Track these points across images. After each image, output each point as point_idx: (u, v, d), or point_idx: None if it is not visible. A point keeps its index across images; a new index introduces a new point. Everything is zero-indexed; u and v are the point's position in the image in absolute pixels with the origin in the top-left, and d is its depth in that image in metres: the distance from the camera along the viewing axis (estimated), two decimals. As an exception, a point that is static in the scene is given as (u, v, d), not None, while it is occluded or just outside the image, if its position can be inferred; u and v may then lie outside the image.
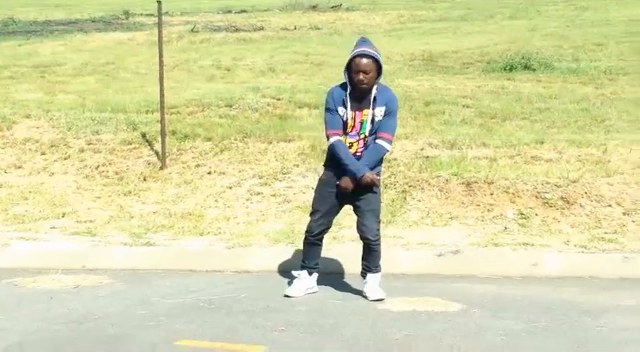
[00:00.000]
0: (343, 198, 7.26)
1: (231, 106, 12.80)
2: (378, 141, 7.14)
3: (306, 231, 7.42)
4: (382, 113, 7.12)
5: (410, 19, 25.37)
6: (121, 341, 6.26)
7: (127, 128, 11.98)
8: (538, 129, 11.66)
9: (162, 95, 11.29)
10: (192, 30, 23.29)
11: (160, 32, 11.53)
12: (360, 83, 7.06)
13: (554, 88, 14.09)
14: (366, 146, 7.18)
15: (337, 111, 7.17)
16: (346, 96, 7.16)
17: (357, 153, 7.18)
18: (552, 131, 11.54)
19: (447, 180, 9.80)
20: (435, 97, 13.28)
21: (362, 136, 7.17)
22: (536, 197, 9.44)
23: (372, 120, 7.13)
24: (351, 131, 7.17)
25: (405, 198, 9.71)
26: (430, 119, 12.18)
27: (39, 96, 13.95)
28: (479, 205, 9.48)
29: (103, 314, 6.94)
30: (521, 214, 9.27)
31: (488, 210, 9.39)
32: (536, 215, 9.25)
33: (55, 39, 22.26)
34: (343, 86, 7.22)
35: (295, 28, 23.60)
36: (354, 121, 7.15)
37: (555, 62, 16.00)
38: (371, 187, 7.16)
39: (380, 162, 7.32)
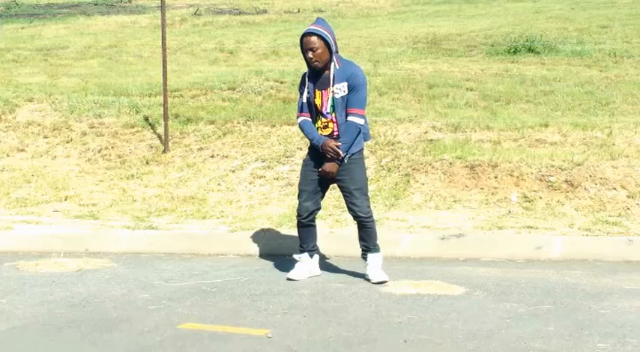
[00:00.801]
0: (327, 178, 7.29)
1: (234, 89, 12.77)
2: (349, 118, 7.16)
3: (297, 215, 7.43)
4: (345, 89, 7.12)
5: (414, 2, 25.28)
6: (123, 324, 6.25)
7: (129, 111, 11.97)
8: (542, 112, 11.63)
9: (165, 78, 11.27)
10: (195, 13, 23.24)
11: (163, 15, 11.50)
12: (310, 61, 7.15)
13: (558, 70, 14.04)
14: (339, 126, 7.18)
15: (303, 93, 7.29)
16: (306, 76, 7.26)
17: (335, 133, 7.18)
18: (556, 114, 11.50)
19: (450, 163, 9.77)
20: (439, 80, 13.23)
21: (332, 115, 7.17)
22: (541, 180, 9.41)
23: (334, 98, 7.12)
24: (321, 111, 7.19)
25: (408, 181, 9.69)
26: (434, 102, 12.14)
27: (42, 80, 13.92)
28: (483, 188, 9.45)
29: (105, 298, 6.93)
30: (525, 197, 9.25)
31: (492, 194, 9.37)
32: (541, 198, 9.23)
33: (57, 22, 22.23)
34: (306, 73, 7.34)
35: (299, 11, 23.54)
36: (322, 100, 7.18)
37: (559, 45, 15.94)
38: (333, 156, 7.11)
39: (358, 137, 7.28)
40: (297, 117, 7.36)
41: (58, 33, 20.05)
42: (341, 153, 7.13)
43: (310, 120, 7.27)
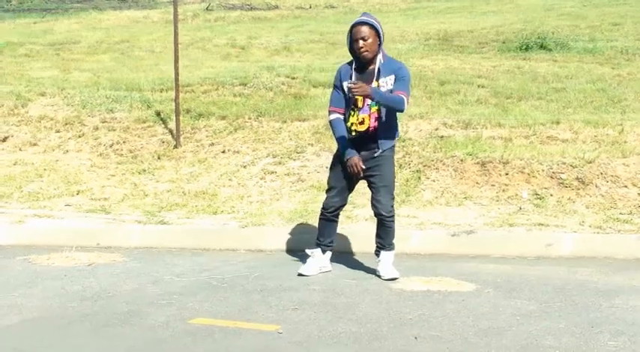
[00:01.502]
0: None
1: (245, 85, 12.78)
2: (398, 94, 7.09)
3: (322, 208, 7.42)
4: (391, 82, 7.09)
5: (425, -2, 25.26)
6: (134, 318, 6.27)
7: (141, 106, 11.99)
8: (554, 109, 11.61)
9: (176, 73, 11.29)
10: (207, 8, 23.26)
11: (175, 10, 11.51)
12: (359, 51, 7.08)
13: (570, 67, 14.02)
14: (379, 121, 7.15)
15: (341, 87, 7.19)
16: (352, 70, 7.18)
17: (370, 130, 7.15)
18: (568, 111, 11.48)
19: (461, 160, 9.77)
20: (450, 77, 13.22)
21: (373, 110, 7.14)
22: (552, 177, 9.40)
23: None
24: (362, 106, 7.15)
25: (419, 178, 9.69)
26: (445, 99, 12.14)
27: (54, 74, 13.96)
28: (494, 185, 9.45)
29: (116, 292, 6.95)
30: (536, 194, 9.24)
31: (503, 190, 9.36)
32: (552, 195, 9.22)
33: (70, 17, 22.28)
34: (350, 63, 7.23)
35: (310, 7, 23.54)
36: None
37: (571, 42, 15.91)
38: (353, 173, 7.14)
39: (393, 135, 7.28)
40: (330, 113, 7.27)
41: (70, 28, 20.10)
42: (360, 173, 7.11)
43: (343, 118, 7.21)
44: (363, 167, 7.15)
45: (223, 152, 10.76)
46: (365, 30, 7.08)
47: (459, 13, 21.50)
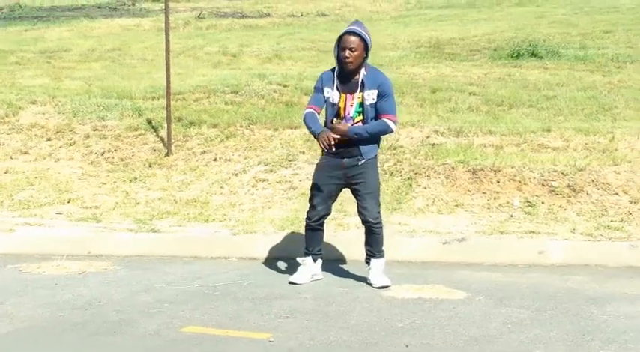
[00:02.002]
0: (342, 181, 7.25)
1: (237, 93, 12.77)
2: (383, 119, 7.13)
3: (306, 218, 7.44)
4: (374, 96, 7.11)
5: (416, 6, 25.29)
6: (125, 327, 6.26)
7: (132, 114, 11.98)
8: (545, 116, 11.63)
9: (168, 81, 11.28)
10: (198, 16, 23.26)
11: (166, 18, 11.51)
12: (345, 60, 7.08)
13: (561, 75, 14.04)
14: None
15: (322, 91, 7.22)
16: (334, 76, 7.18)
17: (354, 139, 7.16)
18: (559, 119, 11.50)
19: (453, 168, 9.78)
20: (442, 84, 13.24)
21: (357, 120, 7.15)
22: (543, 185, 9.41)
23: (363, 104, 7.11)
24: (345, 115, 7.16)
25: (410, 186, 9.69)
26: (436, 106, 12.15)
27: (45, 82, 13.94)
28: (485, 193, 9.46)
29: (107, 300, 6.95)
30: (528, 202, 9.25)
31: (494, 198, 9.37)
32: (543, 203, 9.23)
33: (61, 25, 22.25)
34: (333, 69, 7.25)
35: (302, 15, 23.55)
36: (345, 104, 7.15)
37: (562, 49, 15.93)
38: (325, 147, 7.05)
39: (377, 141, 7.30)
40: (306, 109, 7.26)
41: (62, 36, 20.07)
42: (332, 147, 7.07)
43: (315, 112, 7.20)
44: (337, 136, 7.08)
45: (215, 160, 10.75)
46: (354, 41, 7.10)
47: (450, 20, 21.53)
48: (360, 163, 7.19)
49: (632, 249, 8.18)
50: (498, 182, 9.52)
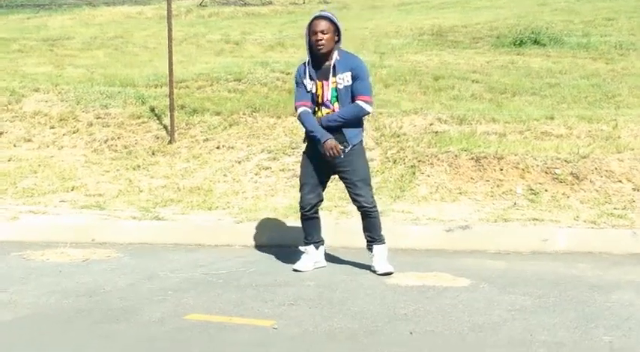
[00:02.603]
0: (328, 168, 7.26)
1: (240, 81, 12.77)
2: (357, 102, 7.13)
3: (300, 208, 7.45)
4: (348, 79, 7.12)
5: (419, -6, 25.24)
6: (129, 314, 6.27)
7: (135, 102, 11.97)
8: (548, 104, 11.62)
9: (170, 69, 11.27)
10: (200, 4, 23.24)
11: (168, 6, 11.49)
12: (317, 43, 7.10)
13: (564, 63, 14.03)
14: None
15: (303, 83, 7.23)
16: (307, 65, 7.22)
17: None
18: (562, 106, 11.49)
19: (456, 156, 9.77)
20: (445, 72, 13.23)
21: (335, 105, 7.15)
22: (546, 172, 9.41)
23: (337, 88, 7.11)
24: (324, 101, 7.17)
25: (414, 173, 9.69)
26: (439, 94, 12.14)
27: (48, 70, 13.94)
28: (488, 181, 9.46)
29: (111, 288, 6.95)
30: (531, 190, 9.25)
31: (498, 186, 9.37)
32: (546, 190, 9.23)
33: (63, 12, 22.24)
34: (306, 62, 7.26)
35: (304, 3, 23.53)
36: (323, 90, 7.16)
37: (565, 37, 15.91)
38: (330, 157, 7.13)
39: (359, 125, 7.28)
40: (296, 108, 7.27)
41: (64, 23, 20.06)
42: (339, 153, 7.11)
43: (310, 110, 7.24)
44: (342, 148, 7.14)
45: (218, 148, 10.75)
46: (324, 24, 7.13)
47: (452, 8, 21.50)
48: (346, 150, 7.17)
49: (636, 237, 8.18)
50: (502, 170, 9.52)
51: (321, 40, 7.09)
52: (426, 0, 23.80)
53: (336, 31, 7.15)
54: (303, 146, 7.48)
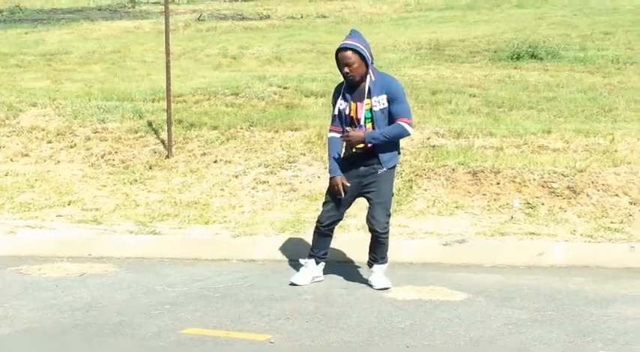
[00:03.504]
0: (356, 188, 7.25)
1: (237, 95, 12.78)
2: (399, 122, 7.14)
3: (317, 221, 7.43)
4: (384, 102, 7.13)
5: (416, 8, 25.29)
6: (126, 329, 6.26)
7: (133, 116, 11.98)
8: (545, 118, 11.63)
9: (168, 83, 11.28)
10: (198, 18, 23.27)
11: (166, 20, 11.51)
12: (346, 76, 7.17)
13: (561, 76, 14.05)
14: None
15: (336, 104, 7.27)
16: (342, 88, 7.26)
17: (369, 146, 7.16)
18: (559, 120, 11.51)
19: (453, 170, 9.78)
20: (442, 86, 13.24)
21: (368, 126, 7.15)
22: (543, 186, 9.42)
23: (371, 110, 7.13)
24: (357, 123, 7.18)
25: (411, 187, 9.70)
26: (437, 108, 12.15)
27: (45, 85, 13.95)
28: (485, 194, 9.46)
29: (108, 302, 6.95)
30: (528, 204, 9.25)
31: (495, 200, 9.37)
32: (543, 204, 9.23)
33: (61, 27, 22.25)
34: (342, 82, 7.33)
35: (302, 17, 23.55)
36: (357, 112, 7.17)
37: (562, 51, 15.93)
38: (335, 191, 7.19)
39: (397, 149, 7.32)
40: (329, 131, 7.36)
41: (62, 38, 20.07)
42: (341, 193, 7.14)
43: (338, 137, 7.24)
44: (348, 184, 7.17)
45: (215, 162, 10.75)
46: (349, 55, 7.14)
47: (450, 22, 21.54)
48: (378, 172, 7.19)
49: (633, 251, 8.18)
50: (498, 183, 9.53)
51: (349, 72, 7.14)
52: (424, 14, 23.84)
53: (363, 57, 7.15)
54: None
